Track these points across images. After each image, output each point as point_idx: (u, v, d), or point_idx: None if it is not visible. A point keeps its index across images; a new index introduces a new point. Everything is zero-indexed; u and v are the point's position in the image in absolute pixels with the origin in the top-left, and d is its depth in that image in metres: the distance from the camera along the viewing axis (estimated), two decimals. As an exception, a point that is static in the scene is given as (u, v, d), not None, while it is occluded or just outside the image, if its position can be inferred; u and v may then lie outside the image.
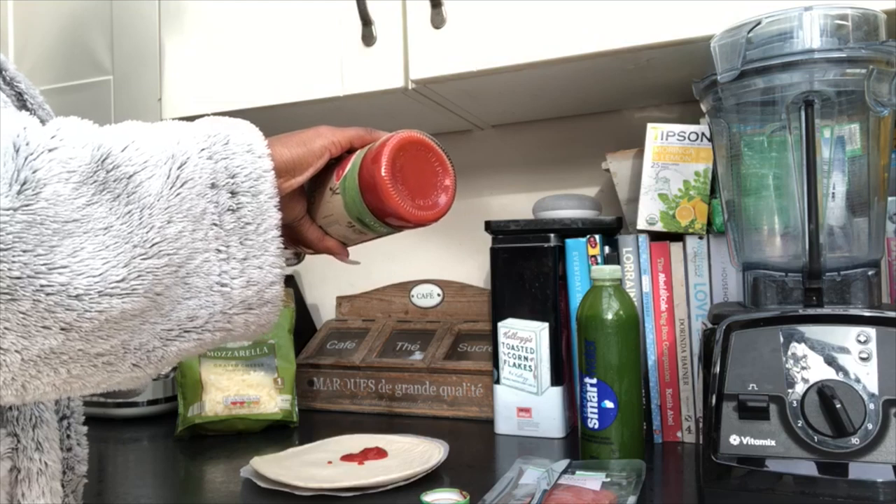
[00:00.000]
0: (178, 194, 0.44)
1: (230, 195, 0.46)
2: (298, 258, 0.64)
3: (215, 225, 0.46)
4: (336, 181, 0.57)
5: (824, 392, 0.61)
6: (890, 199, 0.77)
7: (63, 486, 0.56)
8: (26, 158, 0.39)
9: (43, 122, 0.59)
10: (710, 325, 0.71)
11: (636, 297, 0.90)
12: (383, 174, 0.52)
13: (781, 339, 0.64)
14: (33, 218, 0.38)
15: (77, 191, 0.40)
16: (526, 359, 0.95)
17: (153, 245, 0.42)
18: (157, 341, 0.45)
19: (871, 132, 0.69)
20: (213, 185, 0.46)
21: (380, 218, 0.55)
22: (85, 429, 0.60)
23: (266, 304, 0.49)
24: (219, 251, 0.46)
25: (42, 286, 0.38)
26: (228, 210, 0.46)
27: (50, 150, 0.40)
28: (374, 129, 0.59)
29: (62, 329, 0.39)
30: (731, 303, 0.83)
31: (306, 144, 0.55)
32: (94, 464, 0.84)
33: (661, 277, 0.89)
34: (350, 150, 0.58)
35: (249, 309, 0.48)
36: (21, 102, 0.57)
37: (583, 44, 0.85)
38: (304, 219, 0.60)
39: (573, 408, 0.97)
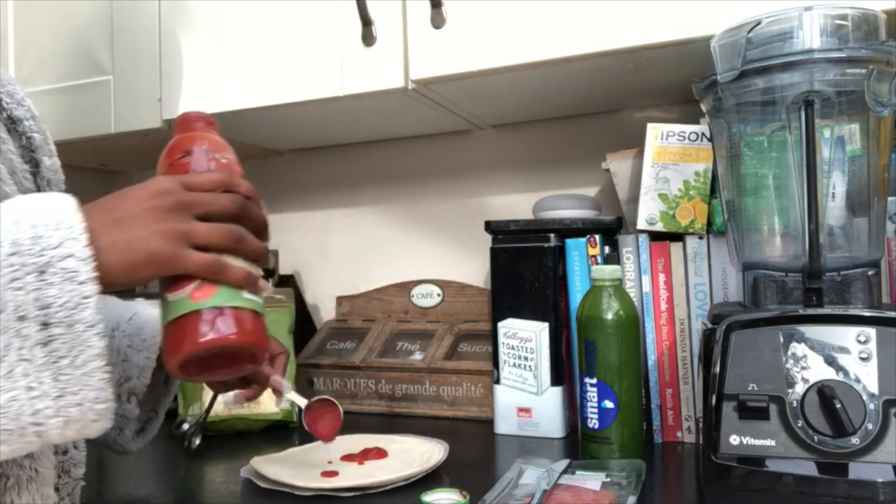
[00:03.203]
0: None
1: (41, 327, 0.42)
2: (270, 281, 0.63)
3: (24, 360, 0.41)
4: (169, 294, 0.51)
5: (824, 392, 0.61)
6: (890, 199, 0.77)
7: (58, 489, 0.55)
8: None
9: (20, 120, 0.57)
10: (710, 325, 0.71)
11: (636, 297, 0.90)
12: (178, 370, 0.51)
13: (781, 339, 0.64)
14: None
15: None
16: (526, 359, 0.95)
17: None
18: None
19: (871, 132, 0.69)
20: (20, 319, 0.41)
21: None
22: None
23: (92, 433, 0.45)
24: (30, 388, 0.41)
25: None
26: (38, 344, 0.42)
27: None
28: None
29: None
30: (731, 303, 0.83)
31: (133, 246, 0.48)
32: (94, 464, 0.83)
33: (661, 277, 0.89)
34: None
35: (74, 446, 0.45)
36: None
37: (583, 44, 0.85)
38: None
39: (573, 408, 0.96)
